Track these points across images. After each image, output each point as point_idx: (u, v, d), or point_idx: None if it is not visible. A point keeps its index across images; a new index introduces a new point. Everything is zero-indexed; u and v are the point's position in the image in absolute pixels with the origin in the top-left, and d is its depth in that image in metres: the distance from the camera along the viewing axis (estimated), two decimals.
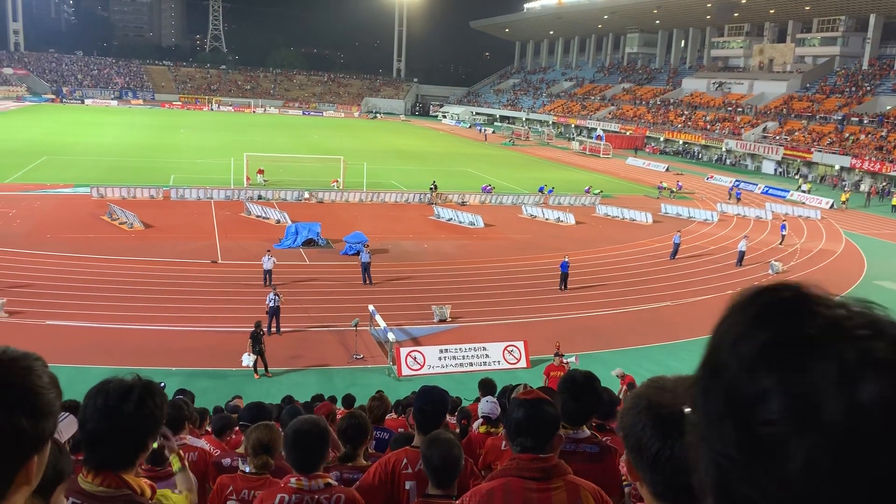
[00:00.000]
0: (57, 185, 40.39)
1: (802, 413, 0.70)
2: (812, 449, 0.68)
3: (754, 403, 0.72)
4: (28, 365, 1.16)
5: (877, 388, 0.68)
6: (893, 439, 0.67)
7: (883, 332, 0.74)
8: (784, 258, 33.22)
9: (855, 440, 0.68)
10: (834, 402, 0.69)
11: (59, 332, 19.72)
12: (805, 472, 0.69)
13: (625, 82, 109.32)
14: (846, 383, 0.69)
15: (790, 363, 0.72)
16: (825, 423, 0.69)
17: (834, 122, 70.72)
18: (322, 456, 3.67)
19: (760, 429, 0.72)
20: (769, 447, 0.71)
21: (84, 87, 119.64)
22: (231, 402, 12.72)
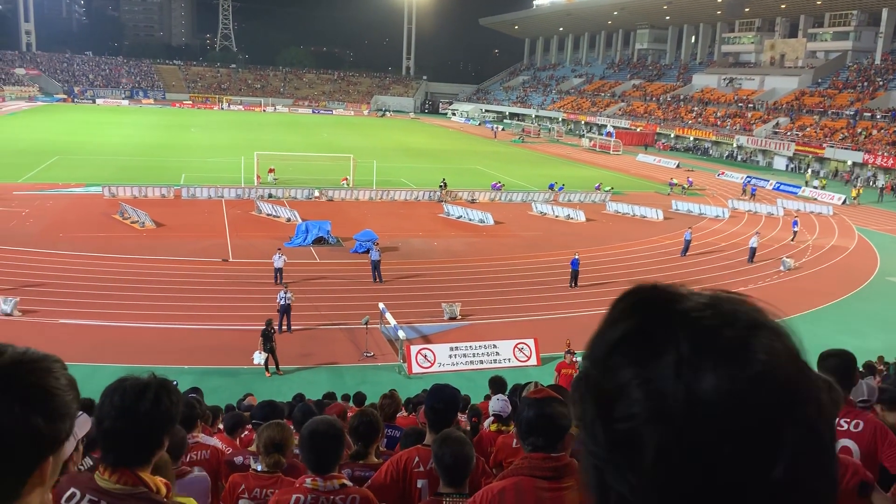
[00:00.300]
0: (69, 185, 40.62)
1: (651, 405, 0.72)
2: (661, 439, 0.71)
3: (614, 400, 0.75)
4: (47, 367, 1.17)
5: (713, 377, 0.71)
6: (732, 427, 0.70)
7: (731, 321, 0.76)
8: (796, 255, 33.03)
9: (698, 429, 0.70)
10: (674, 393, 0.71)
11: (71, 331, 19.85)
12: (658, 462, 0.71)
13: (635, 79, 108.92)
14: (683, 374, 0.72)
15: (640, 357, 0.74)
16: (669, 413, 0.71)
17: (846, 117, 70.21)
18: (338, 456, 3.68)
19: (620, 425, 0.74)
20: (629, 442, 0.73)
21: (95, 86, 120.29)
22: (244, 400, 12.78)
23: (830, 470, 0.75)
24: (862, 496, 3.25)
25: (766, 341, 0.75)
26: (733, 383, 0.71)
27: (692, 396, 0.71)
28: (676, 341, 0.74)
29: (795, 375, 0.75)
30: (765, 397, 0.72)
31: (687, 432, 0.71)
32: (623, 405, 0.74)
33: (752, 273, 29.76)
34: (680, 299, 0.80)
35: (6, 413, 1.08)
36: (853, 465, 3.34)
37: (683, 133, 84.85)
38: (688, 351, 0.73)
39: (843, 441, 3.76)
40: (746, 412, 0.71)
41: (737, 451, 0.70)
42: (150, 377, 2.35)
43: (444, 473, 3.49)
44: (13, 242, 27.99)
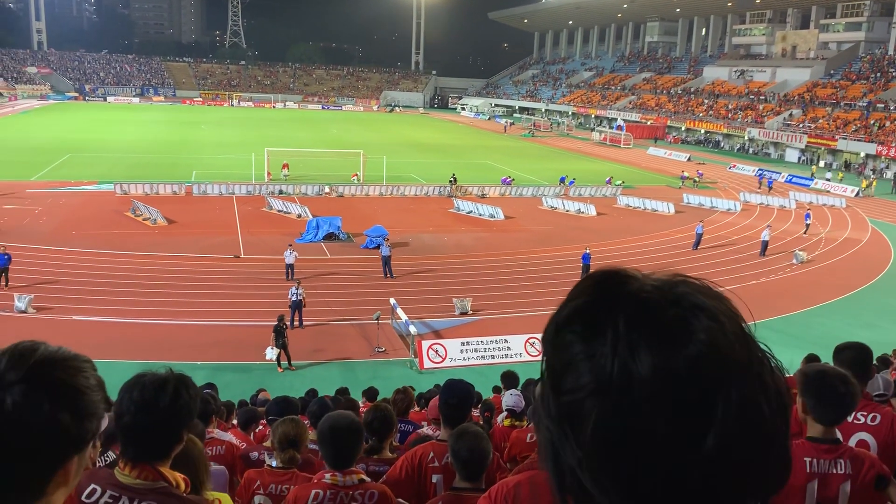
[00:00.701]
0: (81, 182, 40.85)
1: (592, 379, 0.76)
2: (599, 412, 0.75)
3: (562, 374, 0.79)
4: (78, 366, 1.18)
5: (647, 354, 0.74)
6: (664, 402, 0.73)
7: (676, 301, 0.80)
8: (809, 247, 32.83)
9: (632, 403, 0.73)
10: (611, 368, 0.75)
11: (85, 328, 19.98)
12: (595, 434, 0.75)
13: (645, 72, 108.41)
14: (619, 351, 0.75)
15: (585, 334, 0.78)
16: (607, 388, 0.75)
17: (859, 108, 69.64)
18: (356, 451, 3.69)
19: (567, 397, 0.78)
20: (574, 414, 0.77)
21: (106, 84, 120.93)
22: (257, 395, 12.83)
23: (767, 446, 0.77)
24: (878, 489, 3.24)
25: (707, 322, 0.78)
26: (667, 361, 0.74)
27: (627, 372, 0.74)
28: (616, 319, 0.77)
29: (733, 356, 0.77)
30: (698, 376, 0.74)
31: (622, 406, 0.74)
32: (570, 378, 0.78)
33: (765, 266, 29.59)
34: (630, 281, 0.82)
35: (35, 409, 1.09)
36: (870, 458, 3.32)
37: (694, 126, 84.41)
38: (624, 329, 0.76)
39: (860, 434, 3.74)
40: (679, 389, 0.73)
41: (669, 426, 0.73)
42: (169, 372, 2.37)
43: (460, 468, 3.49)
44: (26, 240, 28.19)
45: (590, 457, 0.76)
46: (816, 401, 3.13)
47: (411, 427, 7.15)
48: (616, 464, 0.75)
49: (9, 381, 1.09)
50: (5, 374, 1.10)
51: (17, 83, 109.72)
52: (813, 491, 3.20)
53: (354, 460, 3.69)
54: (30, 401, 1.09)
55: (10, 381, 1.09)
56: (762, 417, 0.77)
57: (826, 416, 3.16)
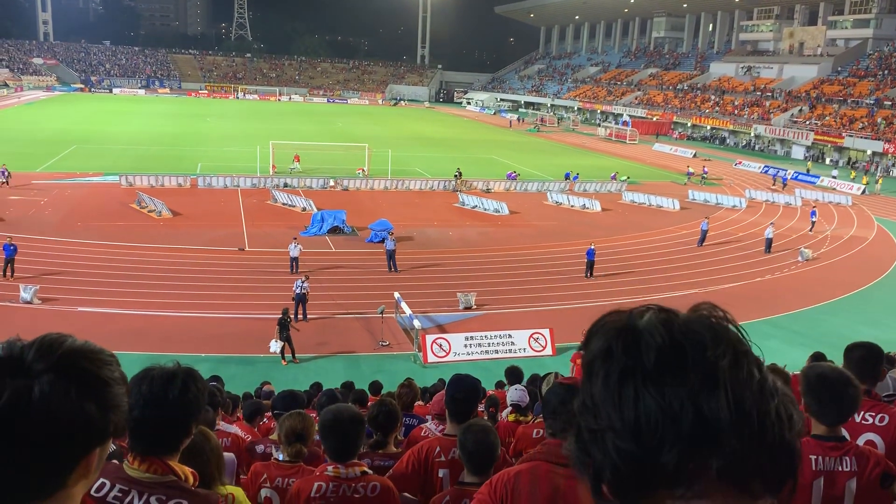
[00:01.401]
0: (87, 174, 40.92)
1: (604, 345, 0.96)
2: (608, 368, 0.92)
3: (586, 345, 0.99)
4: (104, 358, 1.21)
5: (598, 340, 0.96)
6: (625, 367, 0.91)
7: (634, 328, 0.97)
8: (814, 245, 32.75)
9: (637, 364, 0.90)
10: (619, 336, 0.95)
11: (90, 319, 20.04)
12: (602, 388, 0.91)
13: (651, 67, 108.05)
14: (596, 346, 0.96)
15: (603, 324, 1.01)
16: (615, 351, 0.94)
17: (866, 106, 69.35)
18: (359, 444, 3.70)
19: (586, 357, 0.97)
20: (589, 372, 0.94)
21: (112, 76, 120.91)
22: (262, 388, 12.86)
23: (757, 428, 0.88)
24: (884, 487, 3.24)
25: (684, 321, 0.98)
26: (627, 327, 0.97)
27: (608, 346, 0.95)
28: (636, 357, 0.92)
29: (717, 331, 0.96)
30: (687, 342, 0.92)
31: (626, 365, 0.92)
32: (588, 351, 0.98)
33: (770, 263, 29.54)
34: (637, 321, 0.99)
35: (62, 397, 1.11)
36: (875, 455, 3.32)
37: (700, 122, 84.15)
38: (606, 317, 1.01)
39: (867, 435, 3.73)
40: (629, 357, 0.92)
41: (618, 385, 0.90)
42: (176, 366, 2.38)
43: (467, 461, 3.50)
44: (32, 231, 28.28)
45: (597, 406, 0.91)
46: (817, 402, 3.15)
47: (416, 421, 7.16)
48: (616, 411, 0.89)
49: (37, 371, 1.11)
50: (34, 363, 1.12)
51: (23, 74, 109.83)
52: (819, 488, 3.20)
53: (356, 453, 3.70)
54: (57, 390, 1.11)
55: (38, 371, 1.11)
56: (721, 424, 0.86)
57: (826, 417, 3.18)
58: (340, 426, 3.64)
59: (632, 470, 0.87)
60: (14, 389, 1.09)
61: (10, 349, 1.15)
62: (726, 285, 26.19)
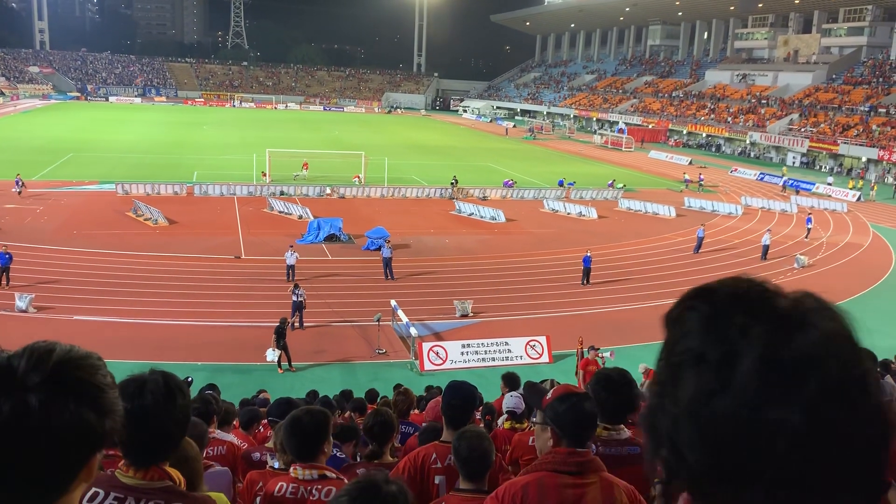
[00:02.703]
0: (83, 182, 40.88)
1: (700, 346, 0.87)
2: (700, 377, 0.85)
3: (676, 342, 0.90)
4: (93, 363, 1.20)
5: (760, 336, 0.84)
6: (768, 378, 0.82)
7: (794, 298, 0.89)
8: (810, 252, 32.82)
9: (733, 373, 0.83)
10: (722, 340, 0.85)
11: (85, 328, 19.98)
12: (693, 394, 0.85)
13: (647, 75, 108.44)
14: (736, 327, 0.86)
15: (704, 310, 0.90)
16: (712, 356, 0.85)
17: (861, 113, 69.63)
18: (318, 446, 3.71)
19: (675, 358, 0.89)
20: (677, 375, 0.87)
21: (108, 84, 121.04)
22: (259, 396, 12.83)
23: (857, 443, 0.83)
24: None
25: (819, 318, 0.87)
26: (778, 342, 0.84)
27: (736, 348, 0.84)
28: (741, 301, 0.88)
29: (842, 355, 0.85)
30: (800, 362, 0.83)
31: (724, 374, 0.84)
32: (682, 343, 0.89)
33: (766, 270, 29.57)
34: (760, 283, 0.92)
35: (61, 408, 1.10)
36: None
37: (696, 129, 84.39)
38: (746, 309, 0.87)
39: None
40: (781, 371, 0.83)
41: (760, 401, 0.82)
42: (148, 373, 2.36)
43: (461, 467, 3.50)
44: (28, 239, 28.21)
45: (684, 413, 0.85)
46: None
47: (412, 429, 7.14)
48: (707, 422, 0.83)
49: (32, 383, 1.09)
50: (27, 375, 1.10)
51: (19, 83, 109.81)
52: None
53: (317, 455, 3.71)
54: (55, 401, 1.10)
55: (33, 383, 1.09)
56: (852, 415, 0.82)
57: None
58: (298, 427, 3.68)
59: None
60: (12, 404, 1.08)
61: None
62: None
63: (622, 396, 3.73)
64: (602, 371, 4.06)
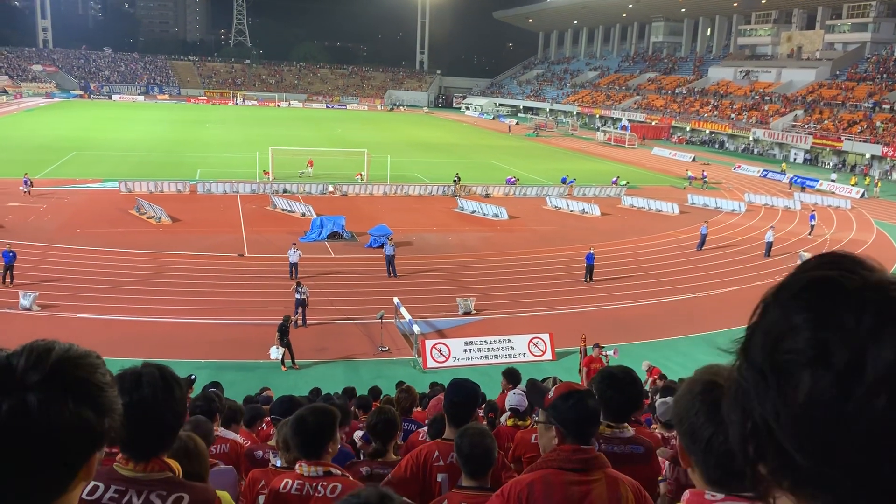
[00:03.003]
0: (86, 181, 40.94)
1: (818, 349, 0.80)
2: (818, 381, 0.79)
3: (783, 335, 0.84)
4: (92, 362, 1.20)
5: (889, 342, 0.77)
6: (890, 390, 0.76)
7: None
8: (813, 249, 32.76)
9: (857, 383, 0.77)
10: (845, 348, 0.78)
11: (89, 325, 20.03)
12: (809, 399, 0.79)
13: (650, 72, 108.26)
14: (860, 333, 0.78)
15: (819, 305, 0.82)
16: (834, 362, 0.79)
17: (864, 109, 69.45)
18: (323, 443, 3.72)
19: (782, 356, 0.83)
20: (786, 372, 0.82)
21: (111, 82, 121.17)
22: (262, 394, 12.84)
23: None
24: None
25: None
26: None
27: (863, 353, 0.77)
28: (863, 302, 0.80)
29: None
30: None
31: (846, 385, 0.77)
32: (790, 341, 0.82)
33: (769, 267, 29.52)
34: (870, 269, 0.86)
35: (60, 407, 1.10)
36: None
37: (699, 126, 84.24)
38: (871, 313, 0.79)
39: None
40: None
41: (888, 411, 0.75)
42: (140, 367, 2.38)
43: (464, 464, 3.51)
44: (32, 238, 28.27)
45: (797, 416, 0.80)
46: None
47: (415, 426, 7.15)
48: (823, 428, 0.78)
49: (31, 382, 1.09)
50: (26, 375, 1.12)
51: (22, 81, 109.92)
52: None
53: (322, 452, 3.72)
54: (54, 400, 1.09)
55: (32, 382, 1.09)
56: None
57: None
58: (304, 424, 3.69)
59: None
60: (11, 403, 1.07)
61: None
62: (726, 289, 26.19)
63: (627, 395, 3.73)
64: (607, 369, 4.05)
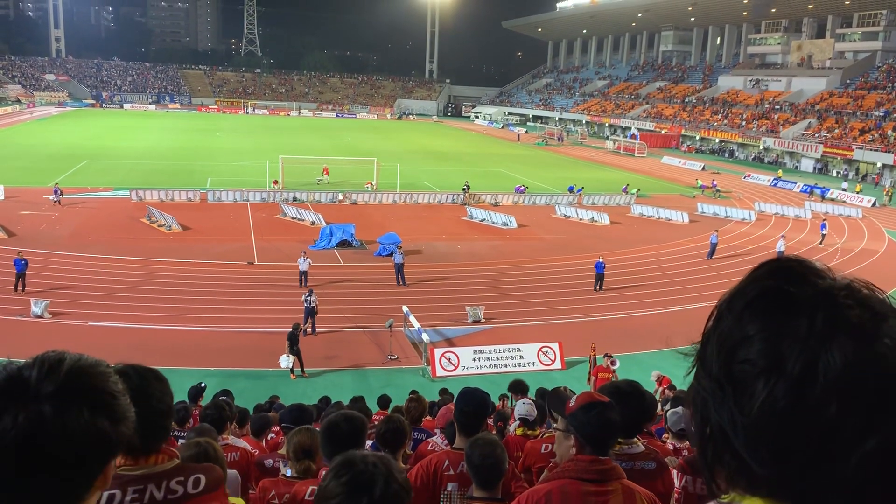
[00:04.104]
0: (97, 189, 41.19)
1: (771, 359, 0.81)
2: (773, 390, 0.80)
3: (738, 346, 0.85)
4: (104, 371, 1.21)
5: (840, 350, 0.79)
6: (846, 395, 0.78)
7: (864, 304, 0.85)
8: (825, 258, 32.57)
9: (811, 390, 0.79)
10: (798, 355, 0.80)
11: (100, 333, 20.11)
12: (763, 408, 0.81)
13: (659, 80, 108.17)
14: (812, 341, 0.80)
15: (772, 316, 0.84)
16: (787, 370, 0.80)
17: (875, 118, 69.14)
18: (355, 449, 3.70)
19: (737, 367, 0.84)
20: (741, 382, 0.83)
21: (123, 91, 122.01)
22: (274, 403, 12.86)
23: None
24: None
25: (892, 328, 0.83)
26: (856, 357, 0.79)
27: (815, 362, 0.79)
28: (814, 311, 0.82)
29: None
30: (879, 377, 0.79)
31: (799, 391, 0.79)
32: (744, 351, 0.84)
33: None
34: (821, 275, 0.88)
35: (76, 417, 1.10)
36: None
37: (709, 135, 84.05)
38: (822, 322, 0.81)
39: None
40: (859, 386, 0.78)
41: (840, 417, 0.77)
42: (119, 366, 2.39)
43: (474, 475, 3.49)
44: (43, 246, 28.43)
45: (751, 425, 0.81)
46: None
47: (424, 435, 7.12)
48: (776, 436, 0.80)
49: (46, 393, 1.11)
50: (40, 385, 1.11)
51: (35, 90, 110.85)
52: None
53: None
54: (69, 410, 1.10)
55: (47, 393, 1.11)
56: None
57: None
58: (337, 431, 3.66)
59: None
60: (27, 415, 1.08)
61: (9, 373, 1.13)
62: None
63: (634, 409, 3.65)
64: (613, 383, 4.03)
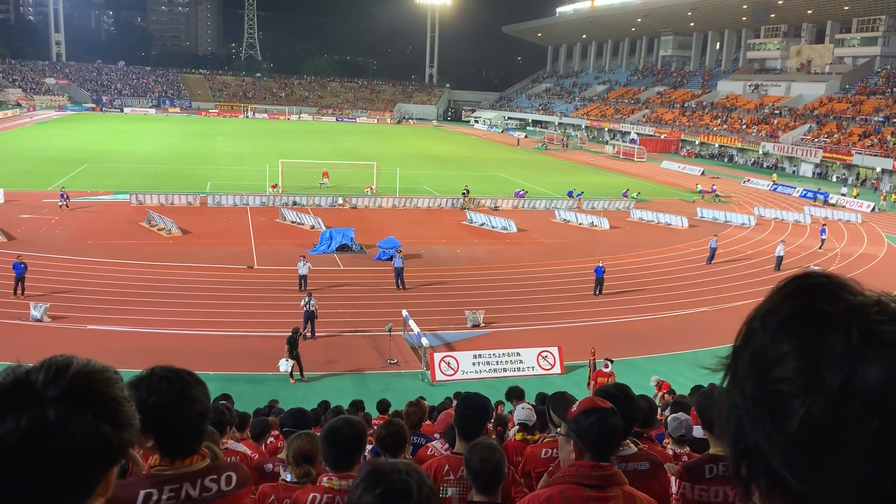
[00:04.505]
0: (97, 193, 41.22)
1: (808, 377, 0.81)
2: (811, 407, 0.80)
3: (772, 364, 0.85)
4: (109, 377, 1.21)
5: (877, 366, 0.79)
6: (884, 411, 0.78)
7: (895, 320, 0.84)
8: (824, 263, 32.59)
9: (849, 408, 0.78)
10: (835, 372, 0.80)
11: (99, 337, 20.10)
12: (802, 425, 0.80)
13: (659, 85, 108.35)
14: (848, 357, 0.80)
15: (806, 334, 0.84)
16: (825, 388, 0.80)
17: (875, 123, 69.23)
18: (355, 456, 3.70)
19: (773, 385, 0.84)
20: (777, 401, 0.83)
21: (123, 95, 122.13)
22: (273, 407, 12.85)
23: None
24: None
25: None
26: (893, 372, 0.78)
27: (852, 378, 0.78)
28: (848, 328, 0.81)
29: None
30: None
31: (838, 408, 0.78)
32: (779, 370, 0.83)
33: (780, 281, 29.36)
34: (852, 292, 0.87)
35: (80, 423, 1.10)
36: None
37: (708, 140, 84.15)
38: (857, 338, 0.80)
39: None
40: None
41: (881, 433, 0.77)
42: (157, 368, 2.42)
43: (474, 480, 3.49)
44: (43, 249, 28.43)
45: (790, 443, 0.81)
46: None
47: (423, 440, 7.12)
48: (816, 453, 0.80)
49: (50, 397, 1.11)
50: (45, 389, 1.12)
51: (35, 94, 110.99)
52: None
53: (353, 464, 3.69)
54: (73, 415, 1.10)
55: (51, 397, 1.11)
56: None
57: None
58: (339, 436, 3.66)
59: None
60: (31, 418, 1.07)
61: (16, 376, 1.13)
62: (736, 303, 26.05)
63: (621, 412, 3.69)
64: (601, 387, 4.05)
